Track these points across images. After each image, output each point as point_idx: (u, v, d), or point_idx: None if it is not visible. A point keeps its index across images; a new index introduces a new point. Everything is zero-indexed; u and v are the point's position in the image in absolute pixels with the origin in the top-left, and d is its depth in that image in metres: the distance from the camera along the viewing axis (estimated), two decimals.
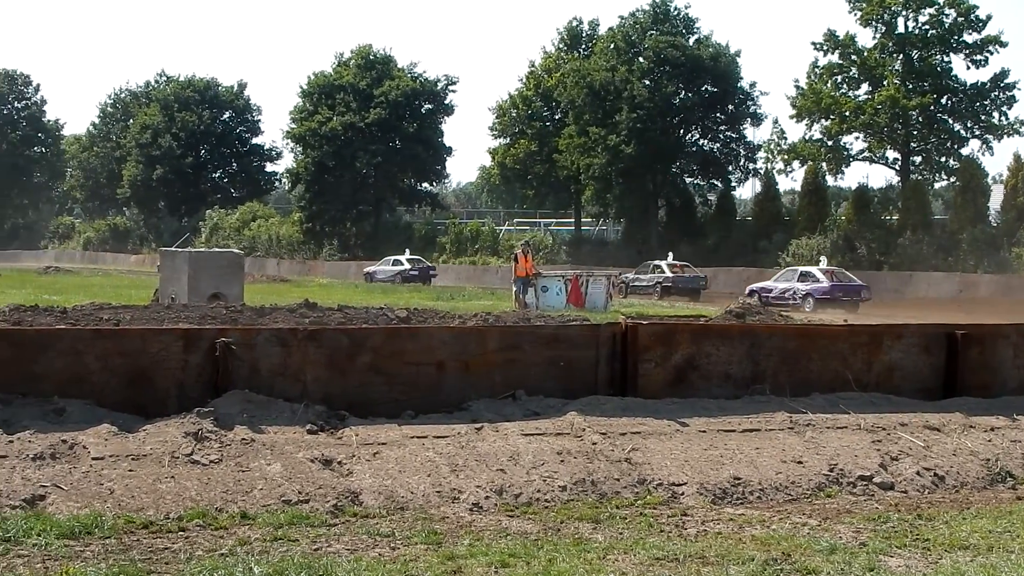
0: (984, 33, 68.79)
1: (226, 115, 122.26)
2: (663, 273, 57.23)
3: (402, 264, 73.55)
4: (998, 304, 44.31)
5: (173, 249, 41.45)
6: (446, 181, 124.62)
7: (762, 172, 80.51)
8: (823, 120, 70.69)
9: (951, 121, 70.54)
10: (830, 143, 71.44)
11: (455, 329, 15.31)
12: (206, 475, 9.52)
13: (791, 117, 72.31)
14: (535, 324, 19.22)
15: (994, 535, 8.95)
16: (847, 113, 68.89)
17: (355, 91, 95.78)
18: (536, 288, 40.43)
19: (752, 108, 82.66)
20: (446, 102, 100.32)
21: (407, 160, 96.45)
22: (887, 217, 70.38)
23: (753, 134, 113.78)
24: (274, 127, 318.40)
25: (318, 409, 10.98)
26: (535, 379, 12.13)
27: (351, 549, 8.15)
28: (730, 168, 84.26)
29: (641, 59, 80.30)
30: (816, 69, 71.65)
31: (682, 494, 10.10)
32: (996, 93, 69.49)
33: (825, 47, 70.96)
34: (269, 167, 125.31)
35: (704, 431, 11.47)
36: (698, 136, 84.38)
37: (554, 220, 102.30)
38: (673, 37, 79.48)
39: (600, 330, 13.02)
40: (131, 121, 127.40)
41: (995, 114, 69.65)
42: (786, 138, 74.55)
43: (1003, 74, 69.19)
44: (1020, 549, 8.55)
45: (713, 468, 10.60)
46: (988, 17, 68.87)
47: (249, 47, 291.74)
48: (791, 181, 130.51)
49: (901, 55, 69.89)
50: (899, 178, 73.20)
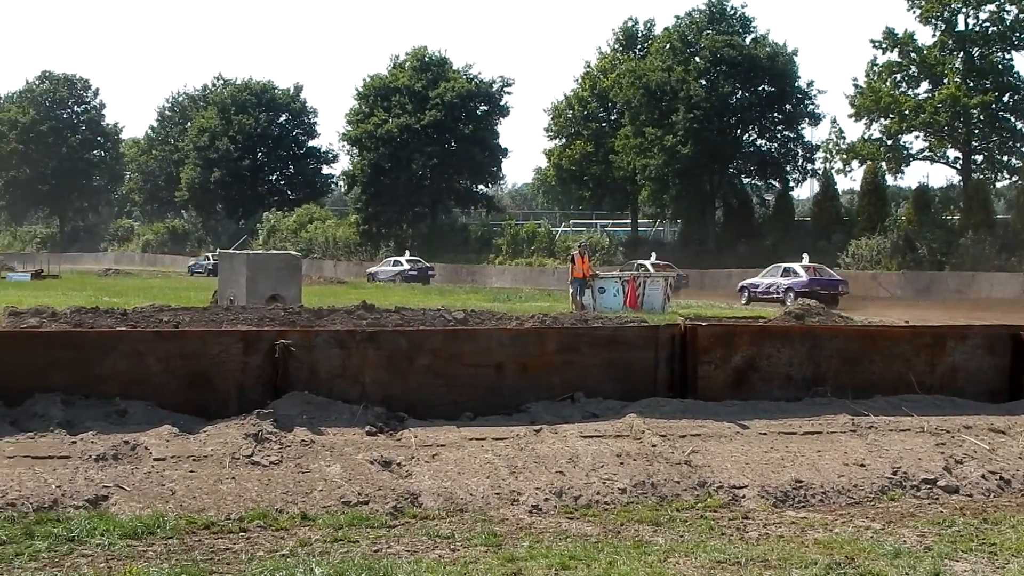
0: None
1: (283, 118, 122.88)
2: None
3: (402, 265, 76.62)
4: None
5: (231, 251, 41.72)
6: (502, 183, 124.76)
7: (820, 172, 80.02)
8: (882, 119, 69.94)
9: (1013, 119, 69.68)
10: (889, 142, 70.74)
11: (513, 331, 15.27)
12: (266, 476, 9.54)
13: (850, 116, 71.84)
14: (593, 326, 19.13)
15: None
16: (907, 112, 68.15)
17: (411, 93, 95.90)
18: (593, 290, 40.37)
19: (810, 107, 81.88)
20: (501, 103, 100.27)
21: (463, 162, 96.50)
22: (948, 217, 69.53)
23: (811, 133, 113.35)
24: (330, 129, 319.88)
25: (377, 411, 10.99)
26: (594, 381, 12.09)
27: (411, 551, 8.12)
28: (788, 168, 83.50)
29: (697, 59, 79.90)
30: (875, 67, 70.91)
31: (743, 497, 9.99)
32: None
33: (884, 45, 70.26)
34: (325, 169, 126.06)
35: (765, 433, 11.35)
36: (755, 136, 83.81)
37: (610, 221, 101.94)
38: (729, 36, 78.97)
39: (659, 332, 12.93)
40: (189, 124, 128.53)
41: None
42: (845, 137, 74.02)
43: None
44: None
45: (774, 471, 10.49)
46: None
47: (305, 50, 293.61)
48: (850, 181, 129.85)
49: (961, 53, 69.08)
50: (960, 177, 72.46)
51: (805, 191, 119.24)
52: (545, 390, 11.88)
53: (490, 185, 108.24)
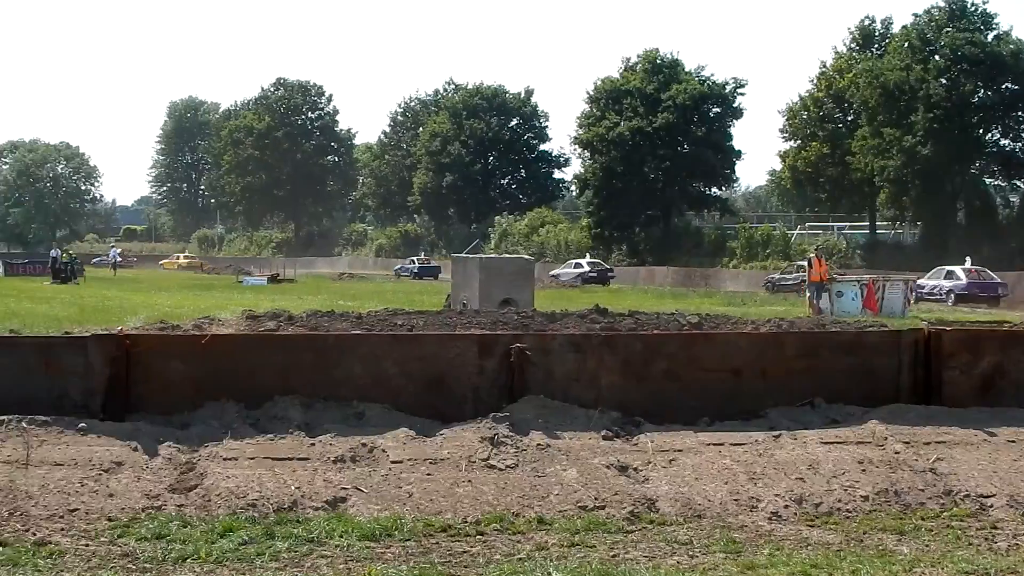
0: None
1: (514, 122, 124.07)
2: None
3: (582, 267, 79.64)
4: None
5: (464, 255, 42.20)
6: (735, 185, 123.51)
7: None
8: None
9: None
10: None
11: (751, 336, 15.05)
12: (503, 480, 9.56)
13: None
14: (833, 330, 18.76)
15: None
16: None
17: (642, 96, 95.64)
18: (831, 293, 39.70)
19: None
20: (734, 105, 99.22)
21: (695, 164, 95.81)
22: None
23: None
24: (561, 133, 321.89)
25: (613, 415, 10.93)
26: (834, 386, 11.84)
27: (648, 556, 8.05)
28: None
29: (937, 57, 77.95)
30: None
31: (991, 506, 9.67)
32: None
33: None
34: (557, 173, 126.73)
35: (1014, 441, 10.98)
36: (999, 135, 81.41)
37: (848, 224, 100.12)
38: (971, 34, 76.81)
39: (902, 336, 12.59)
40: (421, 129, 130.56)
41: None
42: None
43: None
44: None
45: None
46: None
47: (536, 54, 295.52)
48: None
49: None
50: None
51: None
52: (784, 396, 11.66)
53: (723, 188, 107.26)
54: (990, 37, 78.71)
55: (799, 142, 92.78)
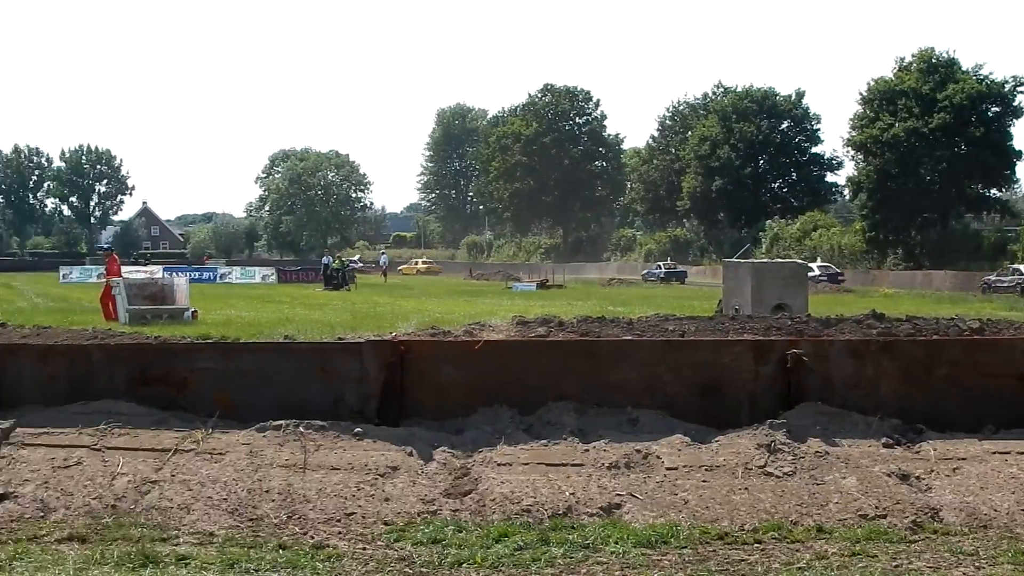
0: None
1: (784, 124, 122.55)
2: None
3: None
4: None
5: (736, 260, 41.81)
6: (1016, 187, 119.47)
7: None
8: None
9: None
10: None
11: None
12: (780, 487, 9.44)
13: None
14: None
15: None
16: None
17: (917, 96, 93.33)
18: None
19: None
20: (1014, 104, 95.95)
21: (973, 166, 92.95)
22: None
23: None
24: (833, 135, 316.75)
25: (893, 422, 10.69)
26: None
27: (933, 567, 7.85)
28: None
29: None
30: None
31: None
32: None
33: None
34: (829, 177, 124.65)
35: None
36: None
37: None
38: None
39: None
40: (689, 133, 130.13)
41: None
42: None
43: None
44: None
45: None
46: None
47: (807, 55, 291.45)
48: None
49: None
50: None
51: None
52: None
53: (1003, 189, 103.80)
54: None
55: None
